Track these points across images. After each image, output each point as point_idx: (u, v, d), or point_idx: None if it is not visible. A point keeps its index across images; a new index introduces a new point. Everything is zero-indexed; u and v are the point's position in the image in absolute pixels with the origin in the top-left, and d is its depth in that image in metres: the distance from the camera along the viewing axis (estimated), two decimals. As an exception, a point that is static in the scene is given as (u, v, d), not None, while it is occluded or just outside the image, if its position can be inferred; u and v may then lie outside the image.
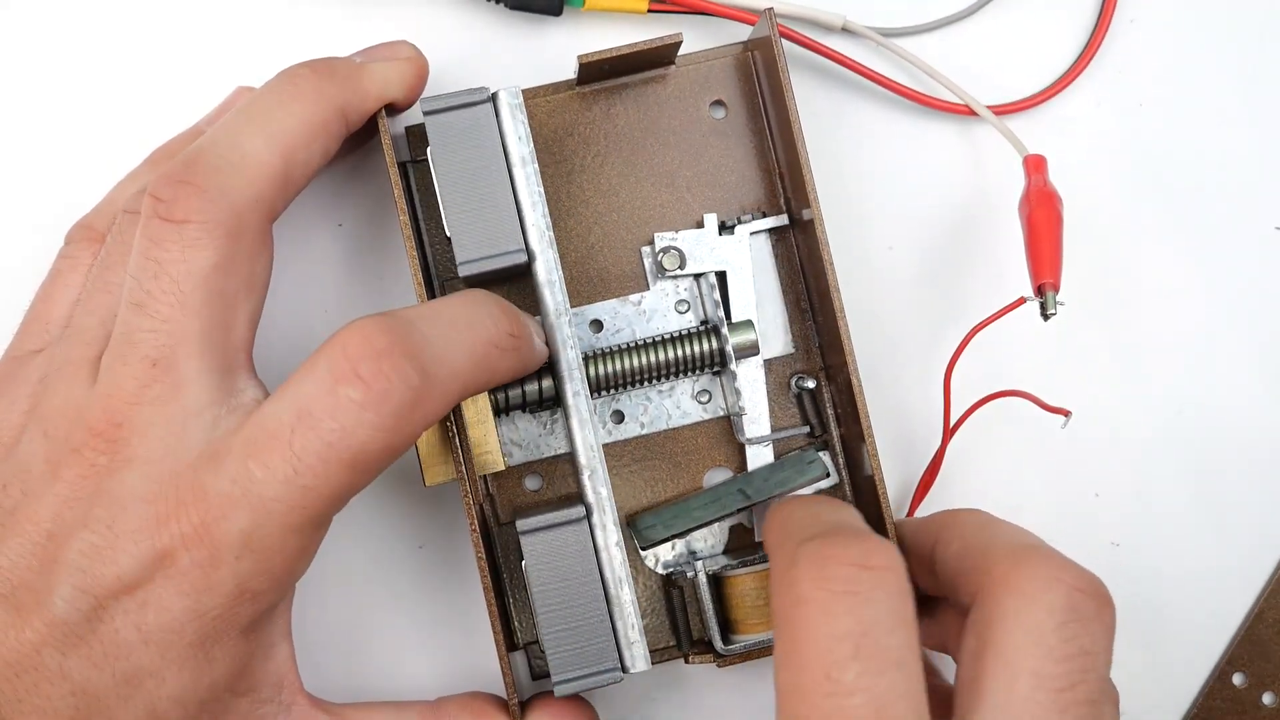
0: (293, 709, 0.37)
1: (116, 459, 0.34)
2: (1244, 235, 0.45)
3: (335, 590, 0.43)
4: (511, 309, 0.37)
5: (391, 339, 0.33)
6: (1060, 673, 0.31)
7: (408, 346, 0.33)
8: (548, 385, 0.40)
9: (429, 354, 0.34)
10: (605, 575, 0.39)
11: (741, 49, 0.43)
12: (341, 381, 0.32)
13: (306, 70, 0.38)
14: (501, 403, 0.40)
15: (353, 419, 0.32)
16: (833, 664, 0.30)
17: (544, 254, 0.39)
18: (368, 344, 0.33)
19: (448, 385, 0.34)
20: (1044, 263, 0.40)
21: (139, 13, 0.44)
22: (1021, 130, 0.43)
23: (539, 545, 0.38)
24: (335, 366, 0.33)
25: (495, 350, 0.36)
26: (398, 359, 0.33)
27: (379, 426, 0.32)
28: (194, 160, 0.35)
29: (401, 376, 0.33)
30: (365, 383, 0.32)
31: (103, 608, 0.33)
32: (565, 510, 0.39)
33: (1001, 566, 0.33)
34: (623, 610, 0.38)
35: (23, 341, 0.39)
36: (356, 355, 0.33)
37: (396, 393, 0.32)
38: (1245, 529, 0.45)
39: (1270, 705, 0.44)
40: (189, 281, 0.34)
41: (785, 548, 0.33)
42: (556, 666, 0.38)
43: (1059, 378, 0.44)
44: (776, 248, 0.43)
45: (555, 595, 0.38)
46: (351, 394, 0.32)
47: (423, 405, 0.33)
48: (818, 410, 0.43)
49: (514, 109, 0.39)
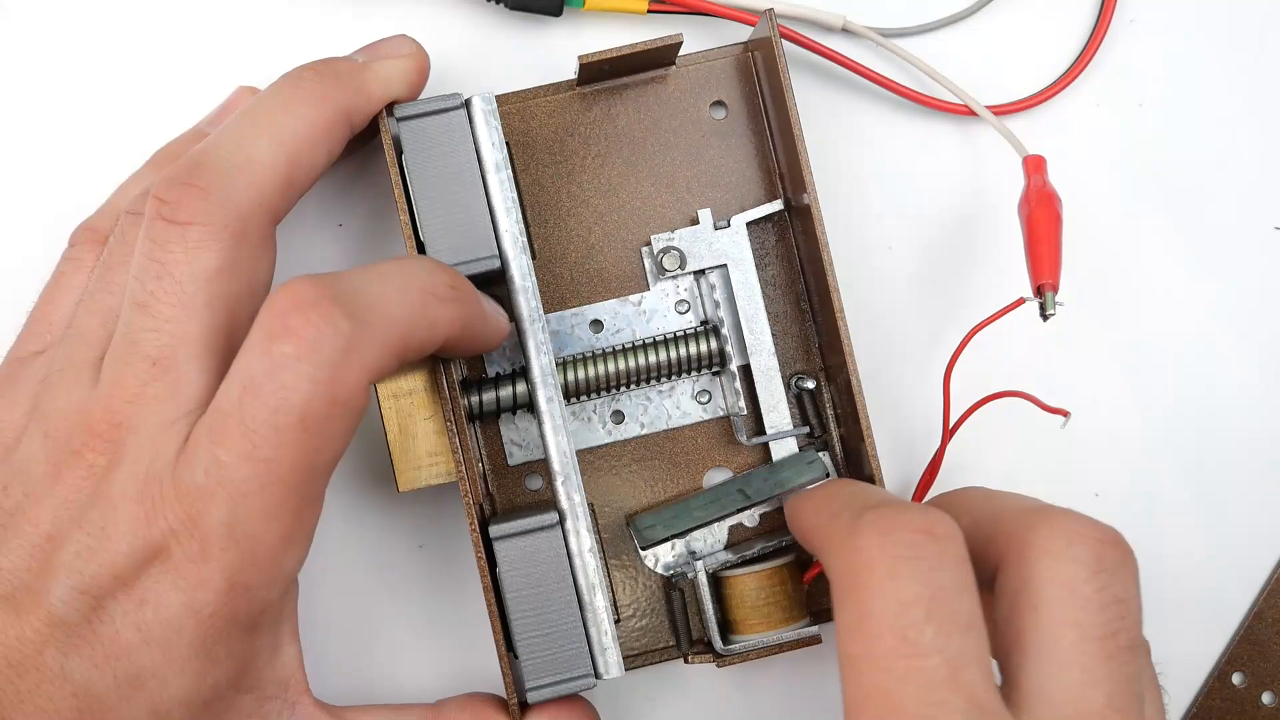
0: (297, 708, 0.37)
1: (114, 459, 0.34)
2: (1244, 235, 0.45)
3: (335, 591, 0.43)
4: (453, 270, 0.37)
5: (318, 290, 0.33)
6: (1100, 621, 0.31)
7: (336, 294, 0.33)
8: (523, 391, 0.40)
9: (359, 301, 0.33)
10: (579, 581, 0.39)
11: (742, 49, 0.43)
12: (274, 339, 0.32)
13: (311, 73, 0.38)
14: (478, 407, 0.40)
15: (290, 374, 0.32)
16: (908, 625, 0.30)
17: (517, 260, 0.39)
18: (294, 297, 0.33)
19: (383, 331, 0.34)
20: (1043, 263, 0.40)
21: (140, 13, 0.44)
22: (1021, 130, 0.43)
23: (512, 551, 0.38)
24: (267, 326, 0.33)
25: (433, 299, 0.35)
26: (325, 305, 0.32)
27: (317, 379, 0.32)
28: (198, 162, 0.35)
29: (329, 322, 0.32)
30: (296, 334, 0.32)
31: (102, 607, 0.33)
32: (538, 516, 0.39)
33: (1021, 531, 0.33)
34: (596, 616, 0.38)
35: (25, 343, 0.39)
36: (284, 309, 0.32)
37: (327, 339, 0.32)
38: (1245, 528, 0.45)
39: (1270, 705, 0.44)
40: (192, 283, 0.35)
41: (841, 518, 0.33)
42: (530, 673, 0.38)
43: (1058, 378, 0.44)
44: (776, 248, 0.43)
45: (529, 601, 0.38)
46: (285, 349, 0.32)
47: (359, 351, 0.33)
48: (817, 410, 0.43)
49: (488, 115, 0.39)
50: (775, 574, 0.40)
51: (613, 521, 0.43)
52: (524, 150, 0.43)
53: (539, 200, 0.43)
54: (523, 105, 0.43)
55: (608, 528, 0.43)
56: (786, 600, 0.40)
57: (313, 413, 0.32)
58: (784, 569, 0.41)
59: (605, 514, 0.43)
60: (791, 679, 0.44)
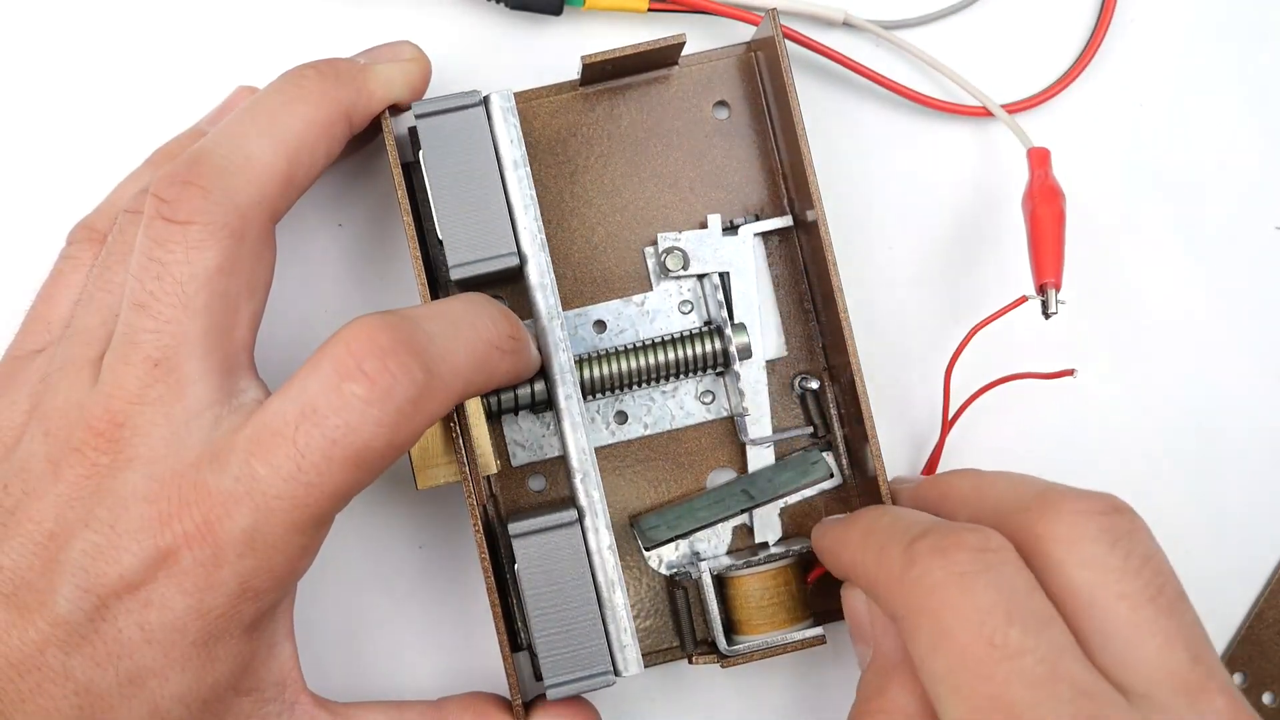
0: (295, 708, 0.37)
1: (119, 459, 0.34)
2: (1244, 235, 0.45)
3: (336, 590, 0.43)
4: (510, 314, 0.37)
5: (396, 336, 0.33)
6: (1141, 584, 0.31)
7: (412, 344, 0.33)
8: (540, 389, 0.40)
9: (432, 352, 0.34)
10: (598, 579, 0.39)
11: (745, 49, 0.43)
12: (346, 378, 0.32)
13: (311, 72, 0.38)
14: (494, 406, 0.40)
15: (357, 415, 0.32)
16: (993, 631, 0.30)
17: (536, 257, 0.39)
18: (372, 341, 0.33)
19: (450, 383, 0.34)
20: (1046, 260, 0.40)
21: (140, 12, 0.44)
22: (1022, 127, 0.43)
23: (531, 549, 0.38)
24: (340, 363, 0.33)
25: (496, 352, 0.36)
26: (402, 355, 0.33)
27: (383, 423, 0.33)
28: (198, 161, 0.35)
29: (406, 373, 0.33)
30: (370, 379, 0.32)
31: (105, 607, 0.33)
32: (558, 514, 0.39)
33: (1028, 526, 0.33)
34: (615, 613, 0.38)
35: (23, 341, 0.39)
36: (361, 352, 0.33)
37: (401, 389, 0.33)
38: (1245, 529, 0.45)
39: (1270, 705, 0.45)
40: (192, 283, 0.34)
41: (890, 554, 0.33)
42: (549, 670, 0.38)
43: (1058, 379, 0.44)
44: (780, 249, 0.43)
45: (548, 599, 0.38)
46: (356, 390, 0.32)
47: (426, 402, 0.33)
48: (821, 411, 0.43)
49: (506, 112, 0.39)
50: (780, 574, 0.40)
51: (617, 522, 0.43)
52: (527, 150, 0.43)
53: (542, 200, 0.43)
54: (526, 105, 0.43)
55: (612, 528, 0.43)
56: (791, 601, 0.40)
57: (370, 453, 0.33)
58: (788, 569, 0.41)
59: (609, 514, 0.42)
60: (796, 680, 0.44)
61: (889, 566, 0.33)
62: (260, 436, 0.33)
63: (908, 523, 0.34)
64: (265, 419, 0.33)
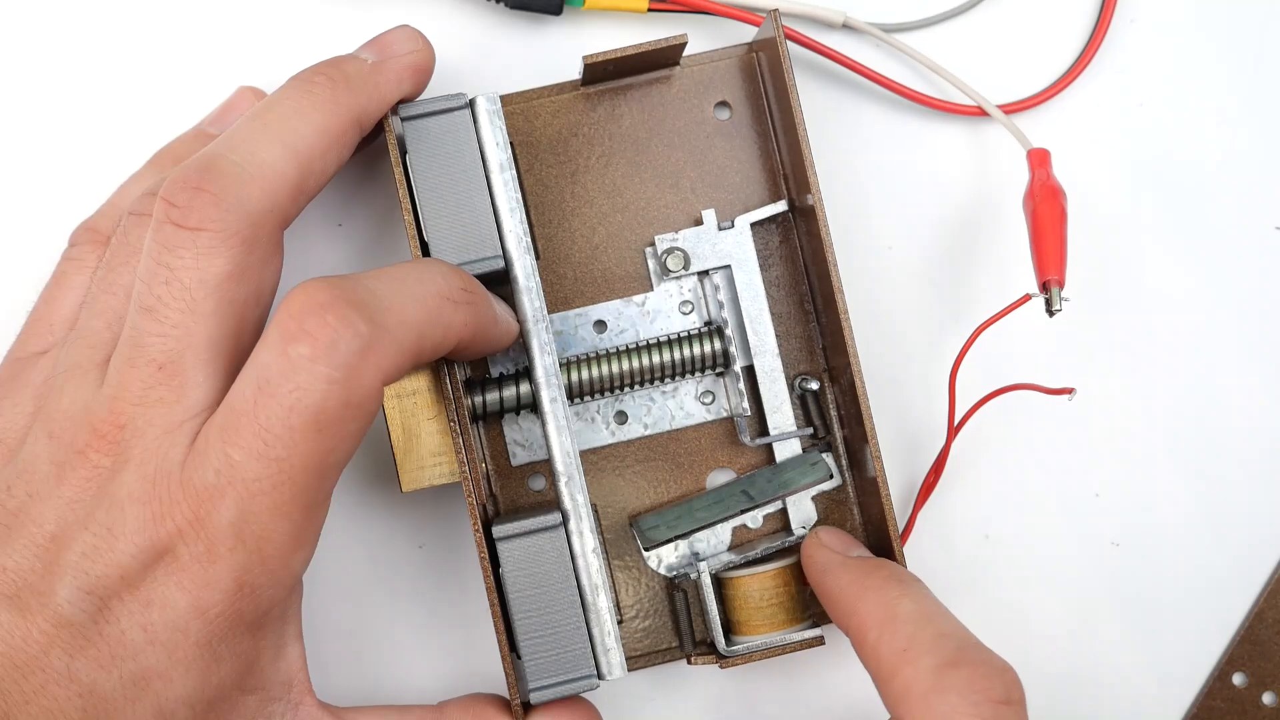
0: (300, 709, 0.37)
1: (118, 460, 0.34)
2: (1244, 235, 0.45)
3: (335, 591, 0.43)
4: (465, 272, 0.37)
5: (334, 292, 0.33)
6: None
7: (351, 296, 0.33)
8: (526, 392, 0.40)
9: (375, 304, 0.33)
10: (582, 582, 0.39)
11: (746, 50, 0.43)
12: (290, 340, 0.32)
13: (323, 78, 0.38)
14: (494, 406, 0.40)
15: (306, 375, 0.32)
16: None
17: (521, 260, 0.39)
18: (311, 299, 0.33)
19: (398, 334, 0.34)
20: (1049, 258, 0.40)
21: (141, 12, 0.44)
22: (1021, 129, 0.43)
23: (516, 551, 0.38)
24: (284, 328, 0.33)
25: (448, 303, 0.36)
26: (341, 308, 0.33)
27: (333, 379, 0.32)
28: (210, 166, 0.35)
29: (348, 325, 0.32)
30: (312, 336, 0.32)
31: (108, 608, 0.33)
32: (542, 516, 0.38)
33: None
34: (599, 617, 0.38)
35: (26, 343, 0.39)
36: (302, 312, 0.33)
37: (345, 341, 0.32)
38: (1245, 529, 0.45)
39: (1270, 705, 0.45)
40: (201, 289, 0.34)
41: (922, 665, 0.34)
42: (533, 673, 0.38)
43: (1061, 378, 0.44)
44: (780, 249, 0.43)
45: (532, 602, 0.38)
46: (301, 350, 0.32)
47: (374, 354, 0.33)
48: (821, 412, 0.43)
49: (492, 115, 0.39)
50: (779, 575, 0.40)
51: (616, 522, 0.43)
52: (528, 150, 0.43)
53: (543, 200, 0.43)
54: (527, 105, 0.43)
55: (611, 528, 0.43)
56: (790, 602, 0.40)
57: (327, 414, 0.33)
58: (787, 570, 0.41)
59: (608, 515, 0.43)
60: (794, 680, 0.44)
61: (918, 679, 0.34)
62: (228, 421, 0.33)
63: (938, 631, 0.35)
64: (230, 402, 0.33)
